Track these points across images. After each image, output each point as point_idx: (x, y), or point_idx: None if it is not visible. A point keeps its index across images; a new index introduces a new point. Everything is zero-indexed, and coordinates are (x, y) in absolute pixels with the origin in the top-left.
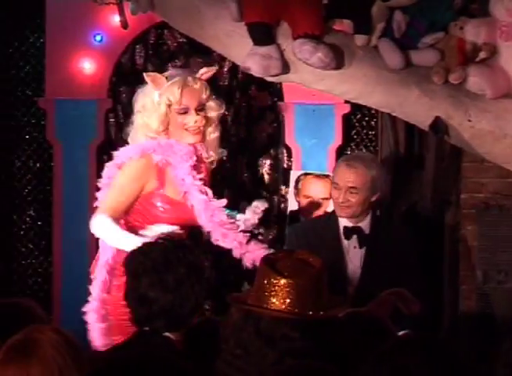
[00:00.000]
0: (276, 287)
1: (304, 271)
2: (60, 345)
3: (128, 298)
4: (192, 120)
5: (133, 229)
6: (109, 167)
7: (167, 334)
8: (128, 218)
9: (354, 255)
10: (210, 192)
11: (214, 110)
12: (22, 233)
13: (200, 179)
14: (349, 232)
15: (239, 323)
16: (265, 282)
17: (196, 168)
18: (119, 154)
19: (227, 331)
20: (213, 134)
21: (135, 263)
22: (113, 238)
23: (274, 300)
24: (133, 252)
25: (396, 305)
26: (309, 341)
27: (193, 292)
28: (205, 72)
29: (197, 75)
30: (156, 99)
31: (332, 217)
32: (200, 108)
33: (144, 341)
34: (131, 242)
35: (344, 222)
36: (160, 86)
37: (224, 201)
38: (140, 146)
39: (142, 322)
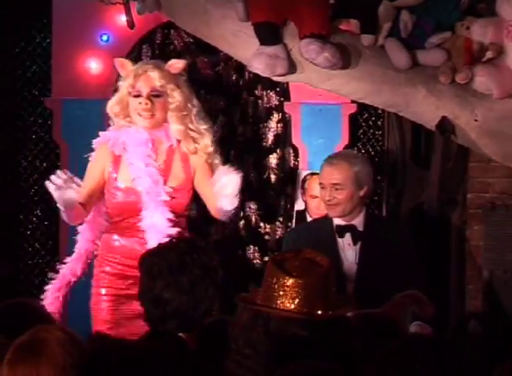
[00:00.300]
0: (285, 287)
1: (312, 270)
2: (68, 344)
3: (142, 298)
4: (137, 102)
5: (115, 225)
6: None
7: (180, 334)
8: (107, 213)
9: (349, 253)
10: (161, 180)
11: (174, 101)
12: (28, 232)
13: (156, 167)
14: (342, 230)
15: (249, 324)
16: (274, 282)
17: (151, 155)
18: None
19: (236, 331)
20: (175, 125)
21: (150, 264)
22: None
23: (283, 300)
24: (148, 253)
25: (410, 308)
26: (318, 340)
27: (207, 294)
28: (173, 63)
29: (166, 66)
30: (120, 83)
31: (327, 218)
32: (154, 94)
33: (157, 341)
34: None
35: (336, 221)
36: (125, 70)
37: (166, 198)
38: (102, 134)
39: (156, 322)
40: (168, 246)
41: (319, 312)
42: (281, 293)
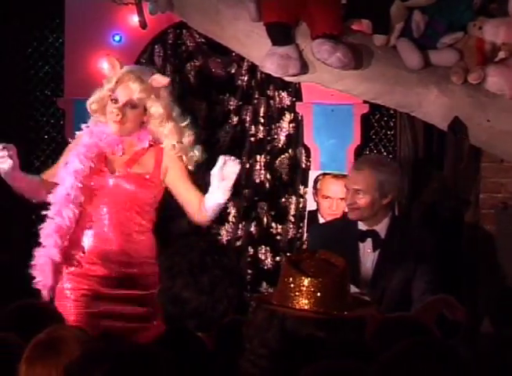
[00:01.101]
0: (301, 287)
1: (328, 271)
2: (86, 341)
3: (161, 297)
4: (112, 107)
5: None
6: None
7: (198, 334)
8: None
9: (367, 258)
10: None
11: (156, 112)
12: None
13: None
14: (363, 235)
15: (264, 323)
16: (289, 282)
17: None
18: None
19: (251, 331)
20: (167, 140)
21: (171, 263)
22: None
23: (299, 300)
24: (168, 252)
25: (442, 311)
26: (334, 341)
27: (226, 295)
28: (157, 78)
29: (150, 79)
30: (104, 82)
31: (352, 220)
32: (131, 105)
33: (175, 340)
34: None
35: (360, 226)
36: (114, 71)
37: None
38: (84, 128)
39: (174, 321)
40: (189, 246)
41: (335, 312)
42: (297, 293)
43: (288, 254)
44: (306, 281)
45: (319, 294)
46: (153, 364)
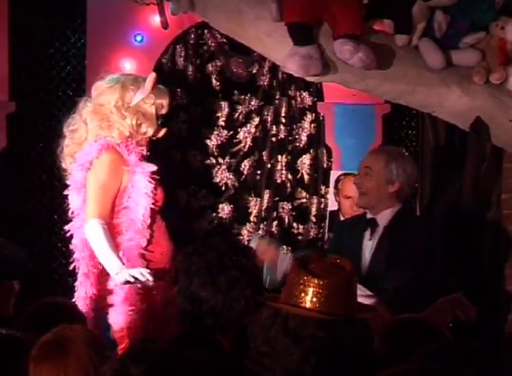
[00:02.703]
0: (306, 287)
1: (334, 272)
2: (93, 343)
3: (180, 297)
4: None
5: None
6: (74, 170)
7: (215, 335)
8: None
9: (366, 247)
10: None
11: None
12: (63, 232)
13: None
14: (366, 223)
15: (268, 322)
16: (295, 281)
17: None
18: (81, 156)
19: (255, 329)
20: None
21: (189, 262)
22: (99, 251)
23: (303, 299)
24: (187, 251)
25: (454, 312)
26: (335, 341)
27: (243, 296)
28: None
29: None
30: (138, 98)
31: (365, 213)
32: None
33: (192, 341)
34: (108, 266)
35: (368, 214)
36: (152, 89)
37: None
38: (101, 143)
39: (192, 320)
40: (207, 245)
41: (339, 313)
42: (302, 292)
43: None
44: (312, 281)
45: (324, 294)
46: (190, 367)
